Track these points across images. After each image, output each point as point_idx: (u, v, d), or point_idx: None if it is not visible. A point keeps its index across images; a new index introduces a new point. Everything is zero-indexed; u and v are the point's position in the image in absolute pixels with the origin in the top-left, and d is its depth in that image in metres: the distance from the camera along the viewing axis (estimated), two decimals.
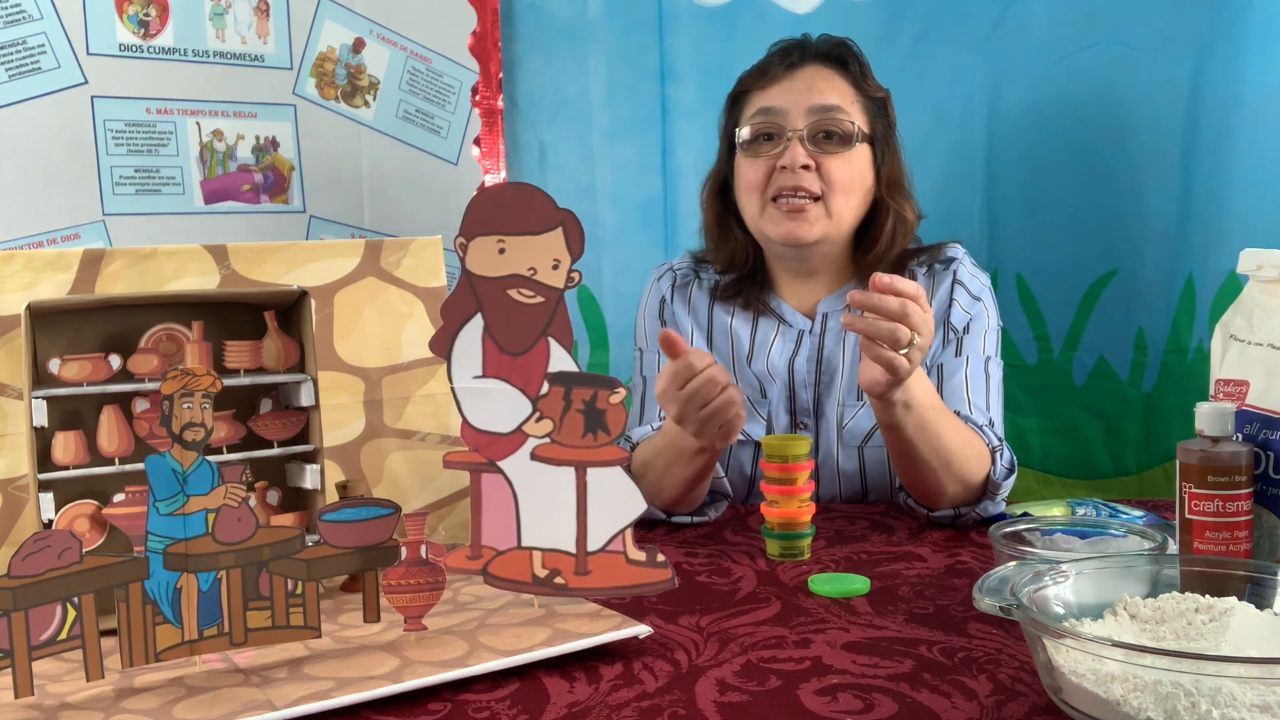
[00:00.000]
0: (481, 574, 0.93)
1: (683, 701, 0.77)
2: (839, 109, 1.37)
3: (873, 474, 1.41)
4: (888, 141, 1.43)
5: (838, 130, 1.36)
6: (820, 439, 1.42)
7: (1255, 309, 1.00)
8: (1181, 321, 1.72)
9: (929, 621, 0.93)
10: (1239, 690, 0.64)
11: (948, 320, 1.39)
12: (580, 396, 0.89)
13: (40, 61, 1.54)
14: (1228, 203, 1.67)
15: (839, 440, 1.41)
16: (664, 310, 1.51)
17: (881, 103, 1.43)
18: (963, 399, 1.35)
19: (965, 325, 1.40)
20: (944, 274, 1.43)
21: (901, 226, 1.42)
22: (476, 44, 1.82)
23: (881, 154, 1.42)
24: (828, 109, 1.37)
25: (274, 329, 1.07)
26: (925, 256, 1.45)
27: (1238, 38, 1.64)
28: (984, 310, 1.41)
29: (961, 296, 1.41)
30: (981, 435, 1.27)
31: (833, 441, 1.42)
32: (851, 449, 1.41)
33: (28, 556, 0.75)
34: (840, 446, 1.41)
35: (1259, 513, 0.93)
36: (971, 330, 1.40)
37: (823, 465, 1.42)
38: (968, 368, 1.37)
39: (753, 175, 1.39)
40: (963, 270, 1.43)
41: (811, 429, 1.43)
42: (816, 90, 1.38)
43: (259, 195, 1.70)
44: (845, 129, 1.37)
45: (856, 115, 1.39)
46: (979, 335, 1.40)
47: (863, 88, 1.41)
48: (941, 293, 1.41)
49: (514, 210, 0.90)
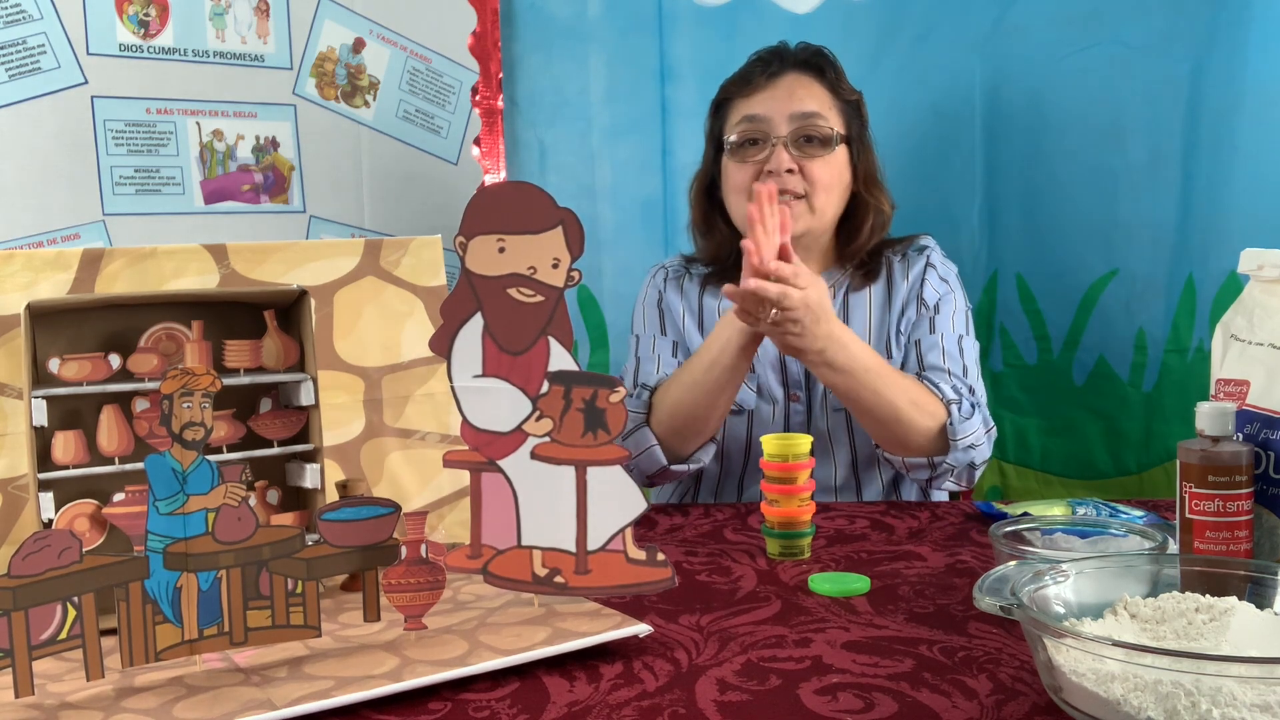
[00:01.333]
0: (481, 573, 0.93)
1: (683, 701, 0.77)
2: (818, 115, 1.48)
3: (862, 441, 1.50)
4: (862, 140, 1.54)
5: (818, 135, 1.47)
6: (813, 410, 1.52)
7: (1256, 309, 1.00)
8: (1181, 321, 1.72)
9: (929, 621, 0.93)
10: (1239, 690, 0.64)
11: (920, 296, 1.52)
12: (580, 395, 0.89)
13: (40, 61, 1.54)
14: (1228, 203, 1.67)
15: (828, 409, 1.50)
16: (661, 301, 1.60)
17: (855, 105, 1.54)
18: (940, 368, 1.46)
19: (936, 304, 1.51)
20: (917, 258, 1.55)
21: (879, 218, 1.54)
22: (476, 44, 1.82)
23: (857, 152, 1.53)
24: (808, 115, 1.47)
25: (274, 328, 1.07)
26: (899, 246, 1.57)
27: (1238, 38, 1.64)
28: (952, 293, 1.53)
29: (932, 277, 1.53)
30: (934, 391, 1.40)
31: (824, 412, 1.52)
32: (839, 414, 1.50)
33: (28, 556, 0.75)
34: (829, 412, 1.51)
35: (1259, 512, 0.93)
36: (941, 310, 1.51)
37: (816, 435, 1.48)
38: (943, 342, 1.48)
39: (740, 178, 1.49)
40: (934, 255, 1.56)
41: (804, 400, 1.52)
42: (797, 98, 1.48)
43: (259, 195, 1.70)
44: (825, 133, 1.47)
45: (834, 119, 1.50)
46: (948, 315, 1.51)
47: (838, 92, 1.52)
48: (915, 272, 1.54)
49: (514, 209, 0.90)
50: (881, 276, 1.54)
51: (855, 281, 1.53)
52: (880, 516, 1.32)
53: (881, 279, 1.53)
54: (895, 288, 1.53)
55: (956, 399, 1.39)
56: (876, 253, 1.55)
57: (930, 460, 1.39)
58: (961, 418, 1.37)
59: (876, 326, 1.51)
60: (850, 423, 1.49)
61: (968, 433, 1.37)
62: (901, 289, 1.52)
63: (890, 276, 1.54)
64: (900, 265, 1.54)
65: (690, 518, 1.35)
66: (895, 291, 1.53)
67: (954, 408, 1.37)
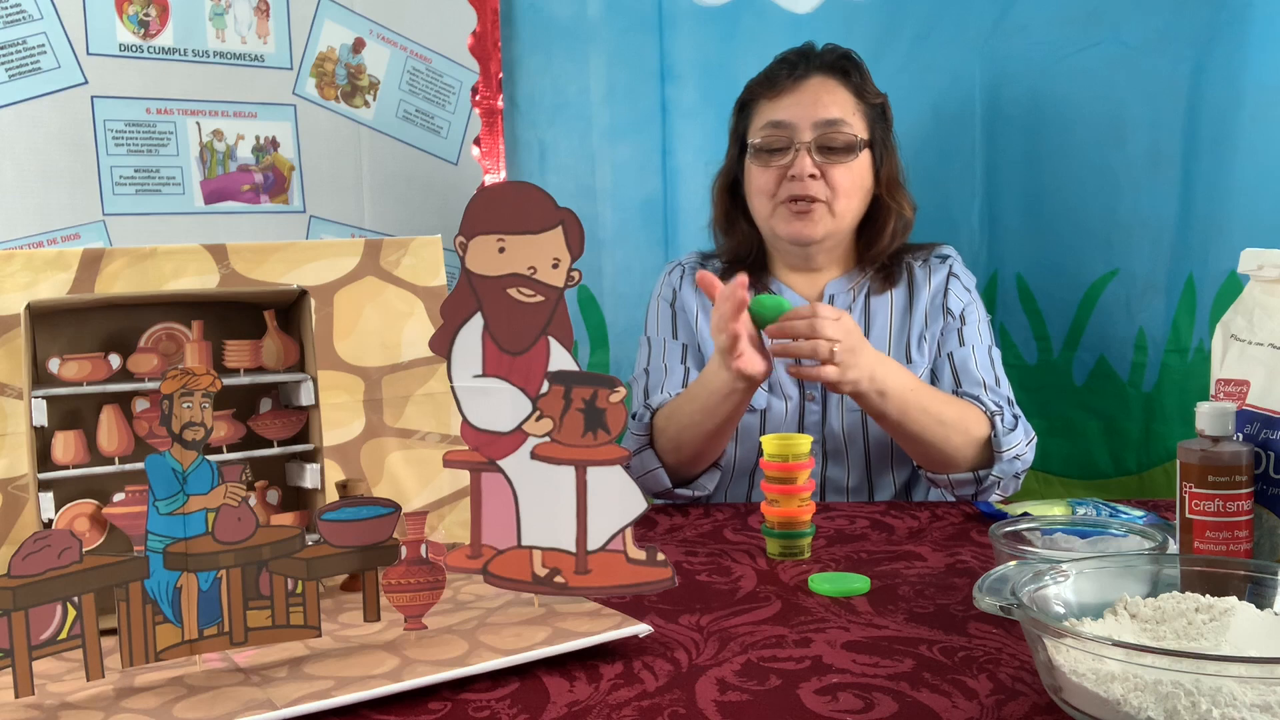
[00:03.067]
0: (481, 573, 0.93)
1: (683, 701, 0.77)
2: (842, 121, 1.48)
3: (876, 442, 1.49)
4: (885, 144, 1.54)
5: (841, 143, 1.48)
6: (828, 411, 1.50)
7: (1256, 309, 1.00)
8: (1181, 321, 1.72)
9: (929, 621, 0.93)
10: (1239, 690, 0.64)
11: (945, 306, 1.52)
12: (580, 395, 0.89)
13: (40, 61, 1.54)
14: (1228, 203, 1.67)
15: (843, 409, 1.49)
16: (675, 300, 1.60)
17: (880, 108, 1.54)
18: (977, 381, 1.46)
19: (961, 314, 1.52)
20: (940, 266, 1.55)
21: (900, 222, 1.55)
22: (476, 44, 1.82)
23: (880, 156, 1.53)
24: (832, 122, 1.47)
25: (274, 328, 1.07)
26: (921, 253, 1.58)
27: (1238, 37, 1.64)
28: (975, 304, 1.54)
29: (956, 286, 1.54)
30: (976, 404, 1.41)
31: (839, 412, 1.49)
32: (855, 414, 1.48)
33: (28, 556, 0.75)
34: (845, 413, 1.49)
35: (1259, 512, 0.93)
36: (968, 320, 1.52)
37: (830, 437, 1.50)
38: (975, 354, 1.49)
39: (764, 182, 1.50)
40: (957, 265, 1.56)
41: (819, 400, 1.51)
42: (822, 104, 1.48)
43: (259, 195, 1.70)
44: (848, 141, 1.48)
45: (858, 124, 1.50)
46: (974, 325, 1.52)
47: (863, 95, 1.52)
48: (937, 281, 1.54)
49: (514, 209, 0.90)
50: (903, 281, 1.54)
51: (876, 285, 1.54)
52: (880, 516, 1.32)
53: (903, 284, 1.54)
54: (917, 294, 1.53)
55: (999, 410, 1.39)
56: (897, 257, 1.56)
57: (976, 475, 1.38)
58: (1005, 429, 1.37)
59: (897, 331, 1.51)
60: (865, 424, 1.48)
61: (1012, 444, 1.38)
62: (924, 296, 1.52)
63: (912, 281, 1.54)
64: (922, 271, 1.54)
65: (690, 518, 1.35)
66: (917, 298, 1.53)
67: (997, 420, 1.38)
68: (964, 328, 1.50)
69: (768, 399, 1.50)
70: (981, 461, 1.39)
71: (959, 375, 1.47)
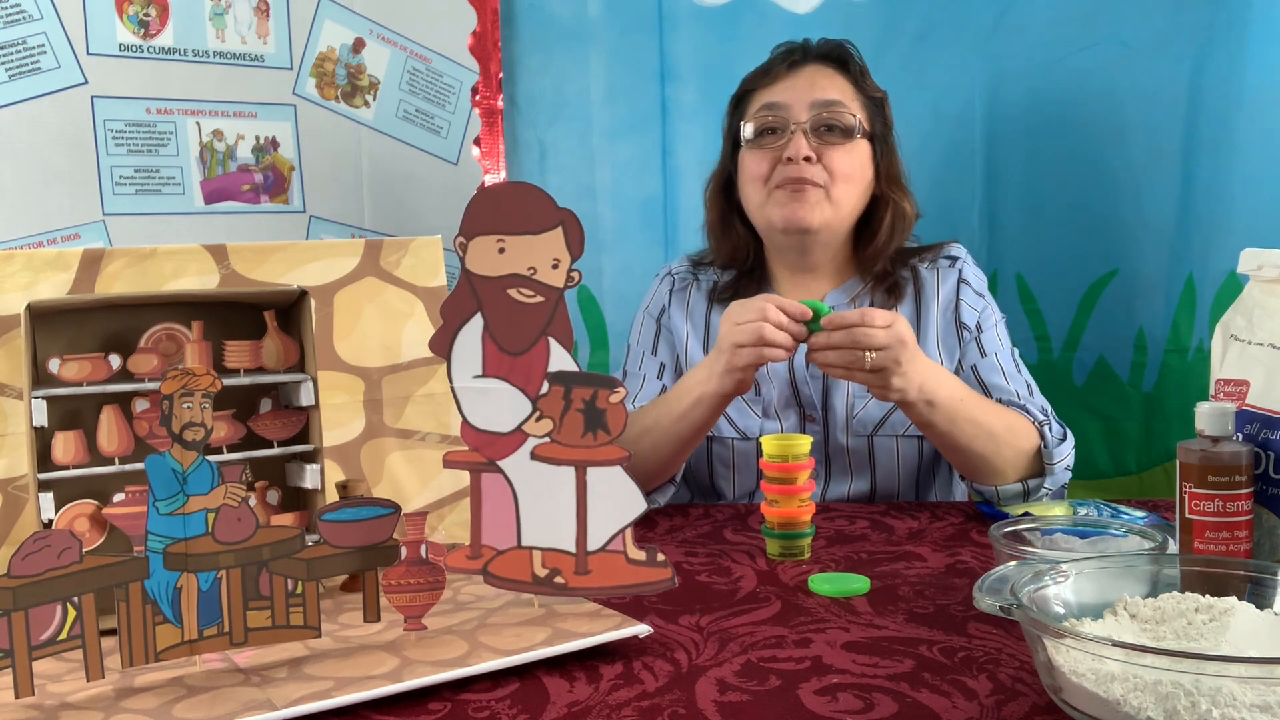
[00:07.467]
0: (481, 573, 0.93)
1: (683, 701, 0.77)
2: (840, 103, 1.42)
3: (882, 464, 1.44)
4: (886, 140, 1.48)
5: (839, 124, 1.41)
6: (829, 432, 1.45)
7: (1256, 309, 1.00)
8: (1181, 321, 1.72)
9: (929, 621, 0.93)
10: (1239, 690, 0.64)
11: (959, 319, 1.45)
12: (580, 396, 0.89)
13: (40, 61, 1.54)
14: (1228, 203, 1.67)
15: (848, 431, 1.44)
16: (663, 316, 1.55)
17: (879, 103, 1.49)
18: (1009, 391, 1.41)
19: (977, 323, 1.45)
20: (949, 270, 1.48)
21: (900, 220, 1.47)
22: (476, 44, 1.82)
23: (880, 150, 1.47)
24: (829, 103, 1.42)
25: (274, 329, 1.07)
26: (928, 254, 1.50)
27: (1238, 38, 1.64)
28: (989, 307, 1.48)
29: (967, 295, 1.47)
30: (1024, 413, 1.35)
31: (842, 434, 1.44)
32: (861, 438, 1.43)
33: (28, 556, 0.75)
34: (850, 437, 1.44)
35: (1259, 513, 0.93)
36: (985, 327, 1.46)
37: (834, 458, 1.45)
38: (999, 361, 1.44)
39: (757, 167, 1.43)
40: (968, 269, 1.49)
41: (819, 422, 1.45)
42: (819, 87, 1.43)
43: (259, 195, 1.70)
44: (846, 122, 1.41)
45: (857, 111, 1.44)
46: (992, 330, 1.46)
47: (862, 87, 1.47)
48: (947, 289, 1.47)
49: (514, 210, 0.90)
50: (909, 292, 1.47)
51: (878, 297, 1.46)
52: (880, 517, 1.32)
53: (909, 296, 1.46)
54: (925, 306, 1.46)
55: (1045, 419, 1.35)
56: (901, 261, 1.49)
57: (1025, 487, 1.33)
58: (1055, 440, 1.33)
59: None
60: (872, 449, 1.43)
61: (1062, 455, 1.33)
62: (933, 309, 1.45)
63: (919, 291, 1.47)
64: (930, 276, 1.47)
65: (690, 518, 1.35)
66: (926, 310, 1.45)
67: (1045, 430, 1.33)
68: (982, 335, 1.44)
69: (762, 424, 1.45)
70: (1031, 472, 1.33)
71: (985, 386, 1.41)
